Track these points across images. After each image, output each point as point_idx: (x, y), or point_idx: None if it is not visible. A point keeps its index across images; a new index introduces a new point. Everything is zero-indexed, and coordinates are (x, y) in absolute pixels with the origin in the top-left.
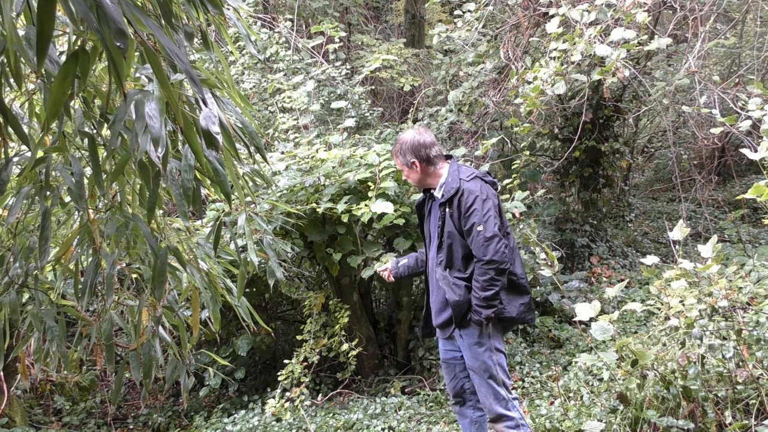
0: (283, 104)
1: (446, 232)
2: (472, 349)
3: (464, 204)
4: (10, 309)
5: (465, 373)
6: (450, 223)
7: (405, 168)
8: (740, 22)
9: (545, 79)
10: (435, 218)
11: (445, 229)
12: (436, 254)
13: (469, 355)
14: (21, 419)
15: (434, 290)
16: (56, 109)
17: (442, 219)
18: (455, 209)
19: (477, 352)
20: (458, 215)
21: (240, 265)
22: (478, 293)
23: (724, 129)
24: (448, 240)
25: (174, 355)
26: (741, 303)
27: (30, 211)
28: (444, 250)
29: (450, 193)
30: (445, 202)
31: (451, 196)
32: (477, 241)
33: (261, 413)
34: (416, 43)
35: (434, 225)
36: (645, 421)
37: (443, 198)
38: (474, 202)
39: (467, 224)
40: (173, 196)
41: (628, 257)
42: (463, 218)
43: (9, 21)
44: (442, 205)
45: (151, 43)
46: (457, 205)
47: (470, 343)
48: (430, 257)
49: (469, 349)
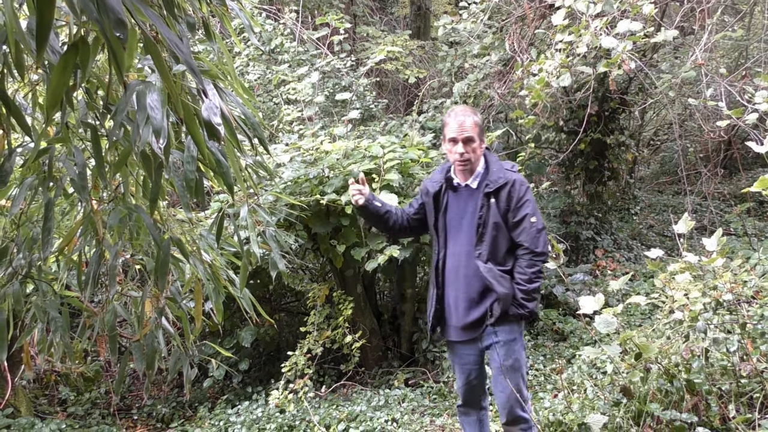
0: (288, 96)
1: (491, 224)
2: (508, 345)
3: (516, 194)
4: (14, 300)
5: (479, 379)
6: (496, 213)
7: (476, 141)
8: (748, 14)
9: (551, 71)
10: (470, 208)
11: (489, 220)
12: (472, 246)
13: (503, 352)
14: (26, 409)
15: (463, 285)
16: (56, 99)
17: (486, 209)
18: (503, 200)
19: (513, 350)
20: (506, 206)
21: (243, 256)
22: (525, 285)
23: (730, 122)
24: (493, 231)
25: (177, 346)
26: (746, 296)
27: (33, 202)
28: (486, 242)
29: (498, 183)
30: (491, 193)
31: (499, 187)
32: (530, 232)
33: (265, 405)
34: (421, 35)
35: (469, 215)
36: (648, 414)
37: (489, 188)
38: (526, 193)
39: (518, 215)
40: (176, 187)
41: (633, 250)
42: (514, 209)
43: (10, 11)
44: (486, 195)
45: (152, 33)
46: (506, 196)
47: (507, 340)
48: (453, 251)
49: (504, 346)
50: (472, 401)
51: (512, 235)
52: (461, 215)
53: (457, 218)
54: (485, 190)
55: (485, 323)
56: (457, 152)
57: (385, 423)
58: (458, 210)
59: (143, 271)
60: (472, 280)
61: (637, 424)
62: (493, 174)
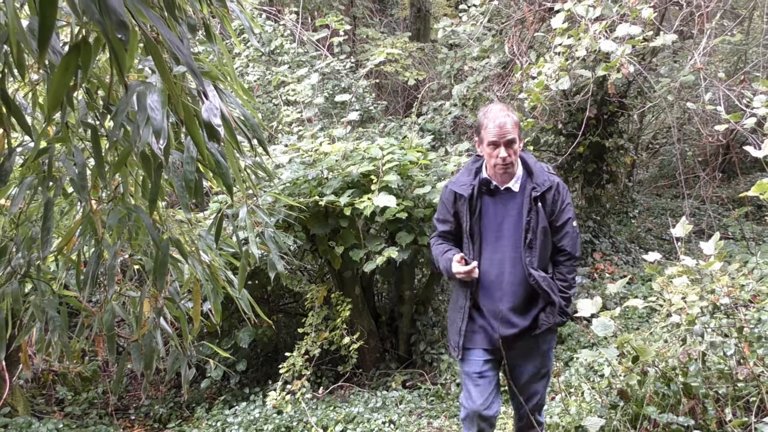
0: (288, 97)
1: (540, 229)
2: (548, 355)
3: (561, 198)
4: (13, 299)
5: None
6: (544, 218)
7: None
8: (747, 18)
9: (550, 75)
10: (513, 213)
11: (538, 226)
12: (518, 253)
13: (541, 361)
14: (23, 409)
15: (508, 295)
16: (57, 100)
17: (535, 214)
18: (549, 204)
19: (550, 357)
20: (552, 210)
21: (241, 257)
22: (567, 293)
23: (728, 126)
24: (542, 237)
25: (175, 346)
26: (743, 300)
27: (33, 202)
28: (537, 249)
29: (544, 186)
30: (538, 196)
31: (545, 190)
32: (572, 237)
33: (262, 405)
34: (421, 37)
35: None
36: (645, 417)
37: (537, 192)
38: (568, 195)
39: (562, 219)
40: (175, 187)
41: (631, 253)
42: (559, 213)
43: (12, 11)
44: (534, 199)
45: (153, 34)
46: (552, 200)
47: (547, 349)
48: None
49: (544, 355)
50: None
51: (554, 239)
52: (501, 220)
53: (496, 224)
54: (533, 194)
55: (529, 333)
56: (500, 156)
57: (382, 425)
58: (497, 215)
59: (142, 271)
60: (519, 289)
61: (633, 428)
62: (538, 177)
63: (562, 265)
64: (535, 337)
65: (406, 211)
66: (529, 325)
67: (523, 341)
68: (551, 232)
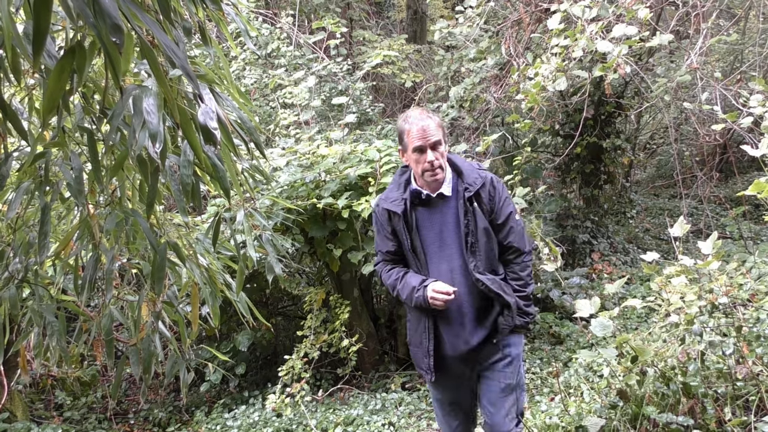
0: (284, 100)
1: (480, 230)
2: (516, 362)
3: (498, 194)
4: (10, 304)
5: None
6: (482, 218)
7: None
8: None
9: (546, 76)
10: (450, 219)
11: (478, 227)
12: (462, 260)
13: (510, 370)
14: (22, 414)
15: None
16: (53, 104)
17: (472, 215)
18: (486, 202)
19: (519, 365)
20: (490, 208)
21: (239, 260)
22: (524, 290)
23: (725, 126)
24: (484, 238)
25: (174, 350)
26: (741, 300)
27: (30, 206)
28: (481, 252)
29: (477, 184)
30: (472, 196)
31: (479, 188)
32: (517, 232)
33: (261, 408)
34: (418, 39)
35: (451, 227)
36: (645, 417)
37: (469, 192)
38: (504, 189)
39: (503, 215)
40: (172, 191)
41: (630, 254)
42: (498, 210)
43: (7, 16)
44: (468, 200)
45: (148, 38)
46: (488, 197)
47: (515, 355)
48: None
49: (511, 364)
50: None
51: (498, 238)
52: (440, 229)
53: (435, 234)
54: (466, 195)
55: (491, 339)
56: (428, 161)
57: (382, 427)
58: (434, 224)
59: (140, 276)
60: (471, 298)
61: (633, 428)
62: (468, 176)
63: (513, 263)
64: (497, 344)
65: None
66: (489, 333)
67: (486, 350)
68: (495, 231)
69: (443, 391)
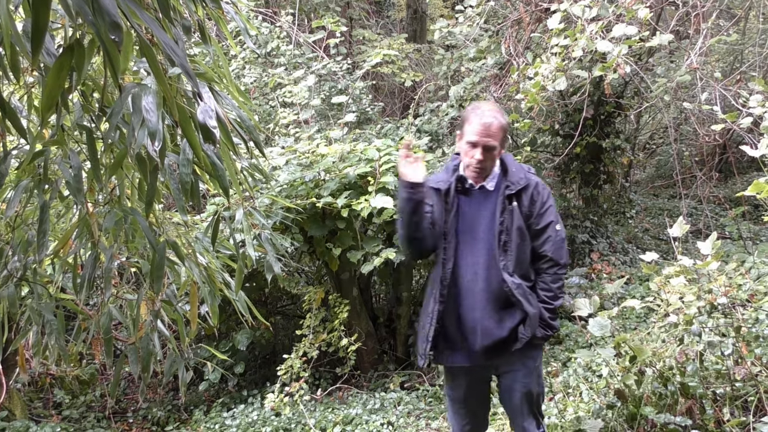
0: (284, 99)
1: (515, 230)
2: (537, 371)
3: (540, 199)
4: (9, 302)
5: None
6: (519, 218)
7: (497, 149)
8: (743, 18)
9: (546, 75)
10: (487, 213)
11: (512, 226)
12: (492, 257)
13: (530, 380)
14: (21, 412)
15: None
16: (51, 102)
17: (509, 214)
18: (526, 204)
19: (539, 374)
20: (529, 211)
21: (238, 259)
22: (552, 303)
23: (725, 126)
24: (517, 239)
25: (172, 349)
26: (740, 300)
27: (29, 205)
28: (511, 252)
29: (520, 184)
30: (512, 195)
31: (521, 188)
32: (555, 242)
33: (260, 408)
34: (418, 39)
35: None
36: (642, 417)
37: (510, 190)
38: (549, 197)
39: (542, 222)
40: (171, 190)
41: (629, 254)
42: (537, 215)
43: (6, 13)
44: (507, 197)
45: (147, 36)
46: (529, 201)
47: (535, 366)
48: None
49: (532, 374)
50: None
51: (534, 245)
52: (476, 221)
53: (471, 225)
54: (506, 192)
55: (509, 347)
56: (475, 158)
57: (381, 426)
58: (472, 215)
59: (139, 274)
60: (494, 296)
61: (631, 428)
62: (513, 175)
63: (545, 273)
64: (517, 354)
65: None
66: (505, 337)
67: (504, 357)
68: (531, 237)
69: (453, 388)
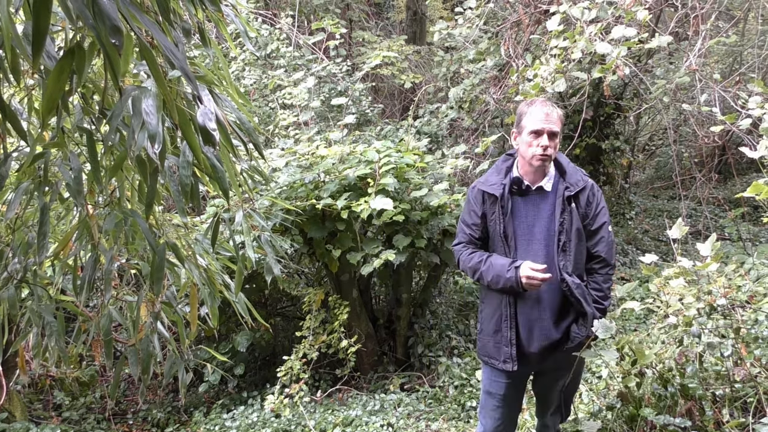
0: (284, 101)
1: (574, 231)
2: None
3: (597, 201)
4: (9, 304)
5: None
6: (578, 219)
7: (558, 137)
8: (742, 20)
9: (546, 77)
10: (545, 214)
11: (572, 227)
12: (550, 257)
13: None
14: (21, 414)
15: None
16: (52, 104)
17: (569, 215)
18: (583, 206)
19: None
20: (585, 213)
21: (238, 261)
22: (603, 303)
23: (724, 127)
24: (576, 239)
25: (172, 350)
26: (740, 301)
27: (29, 207)
28: (571, 252)
29: (578, 186)
30: (571, 196)
31: (579, 190)
32: (607, 243)
33: (260, 409)
34: (417, 40)
35: (544, 222)
36: (642, 419)
37: (570, 191)
38: (602, 199)
39: (597, 223)
40: (171, 192)
41: (629, 255)
42: (593, 216)
43: (6, 16)
44: (567, 199)
45: (147, 39)
46: (586, 202)
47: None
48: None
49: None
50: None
51: (588, 245)
52: (532, 222)
53: (527, 225)
54: (566, 194)
55: (560, 347)
56: (542, 145)
57: (380, 427)
58: (528, 216)
59: (139, 276)
60: (553, 297)
61: (631, 429)
62: (572, 176)
63: (597, 273)
64: (567, 352)
65: (403, 214)
66: (560, 338)
67: (554, 356)
68: (585, 237)
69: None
